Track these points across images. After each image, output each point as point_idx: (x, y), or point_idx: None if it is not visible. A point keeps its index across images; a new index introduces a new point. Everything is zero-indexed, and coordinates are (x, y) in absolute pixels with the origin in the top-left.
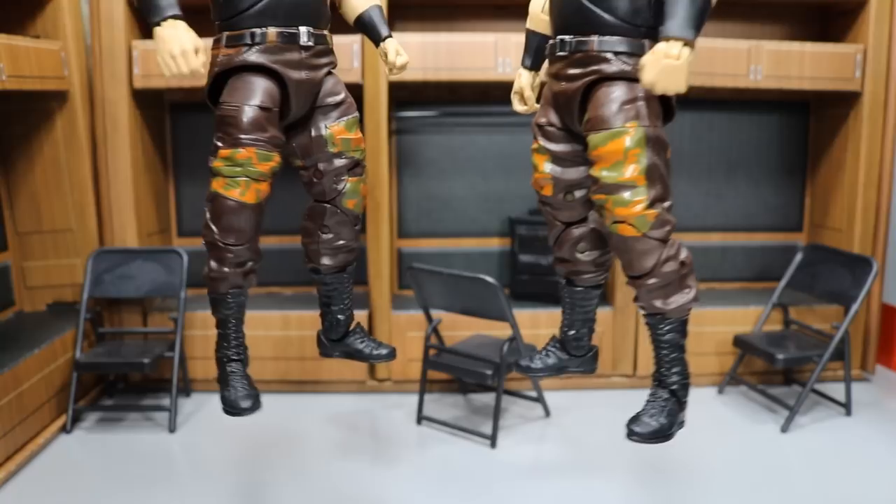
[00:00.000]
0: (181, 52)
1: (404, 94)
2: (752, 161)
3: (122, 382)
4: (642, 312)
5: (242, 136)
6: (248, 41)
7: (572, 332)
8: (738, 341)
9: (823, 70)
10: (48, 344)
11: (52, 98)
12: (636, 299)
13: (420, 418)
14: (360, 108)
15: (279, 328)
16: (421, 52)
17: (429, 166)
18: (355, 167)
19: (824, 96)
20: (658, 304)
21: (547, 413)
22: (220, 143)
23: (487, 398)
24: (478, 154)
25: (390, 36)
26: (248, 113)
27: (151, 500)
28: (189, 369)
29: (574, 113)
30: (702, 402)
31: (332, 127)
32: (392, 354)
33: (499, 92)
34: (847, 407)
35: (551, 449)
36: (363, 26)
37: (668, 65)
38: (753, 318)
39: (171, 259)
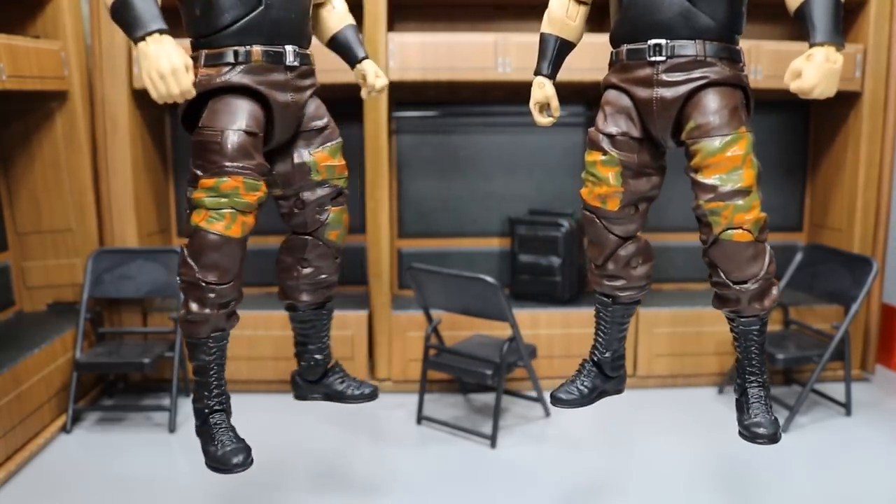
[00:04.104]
0: (171, 70)
1: (404, 94)
2: None
3: (122, 382)
4: (737, 316)
5: (227, 164)
6: (231, 60)
7: (608, 354)
8: None
9: None
10: (48, 344)
11: (52, 98)
12: (727, 304)
13: (420, 418)
14: (360, 109)
15: (279, 328)
16: (421, 52)
17: (429, 166)
18: (338, 196)
19: None
20: (757, 305)
21: (547, 413)
22: (200, 172)
23: (487, 398)
24: (478, 154)
25: (367, 57)
26: (233, 138)
27: (151, 500)
28: (189, 369)
29: (669, 120)
30: (702, 402)
31: (315, 153)
32: (374, 394)
33: (499, 92)
34: (847, 407)
35: (551, 449)
36: (338, 47)
37: (829, 69)
38: None
39: (171, 259)
